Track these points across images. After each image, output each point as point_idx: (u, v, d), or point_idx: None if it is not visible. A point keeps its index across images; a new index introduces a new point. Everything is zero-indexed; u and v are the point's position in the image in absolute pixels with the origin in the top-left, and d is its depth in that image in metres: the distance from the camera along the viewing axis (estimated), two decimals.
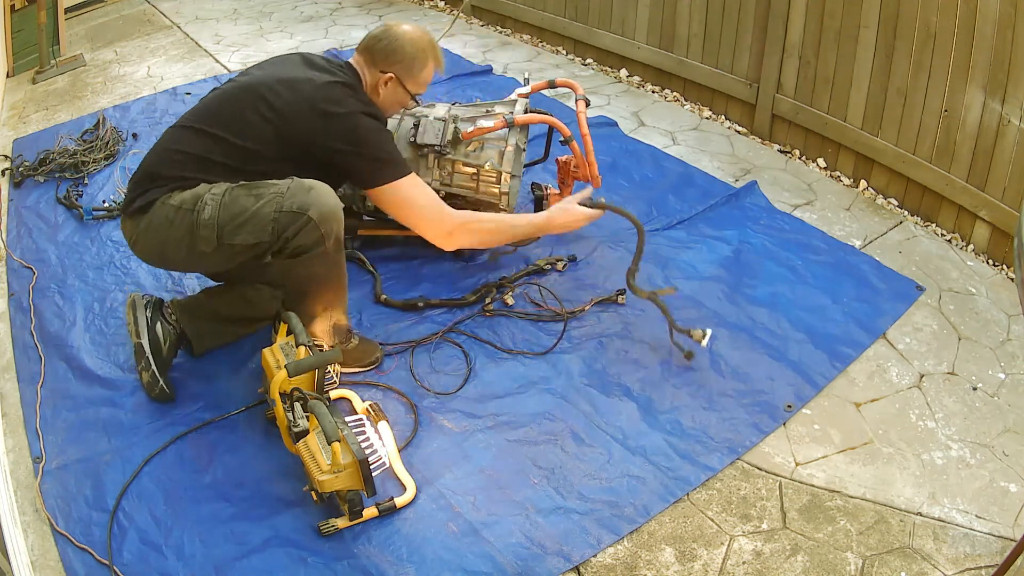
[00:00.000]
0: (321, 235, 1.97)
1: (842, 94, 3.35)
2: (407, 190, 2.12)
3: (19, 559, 1.82)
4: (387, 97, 2.22)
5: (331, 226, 1.99)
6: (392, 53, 2.18)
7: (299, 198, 1.94)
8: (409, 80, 2.21)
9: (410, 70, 2.19)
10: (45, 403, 2.29)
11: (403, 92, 2.22)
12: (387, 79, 2.15)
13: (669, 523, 1.96)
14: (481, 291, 2.68)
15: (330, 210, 1.97)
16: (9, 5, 4.68)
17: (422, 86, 2.27)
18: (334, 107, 2.05)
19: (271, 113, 2.05)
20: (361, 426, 2.09)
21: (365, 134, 2.08)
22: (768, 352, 2.46)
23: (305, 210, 1.93)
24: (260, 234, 1.94)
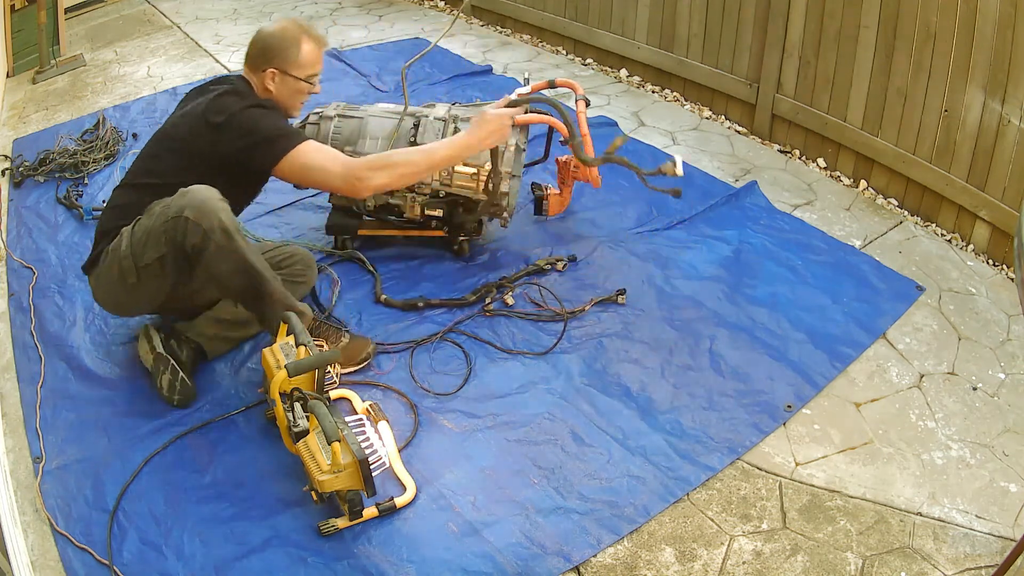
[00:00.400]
0: (204, 230, 1.99)
1: (842, 94, 3.35)
2: (305, 155, 2.12)
3: (19, 559, 1.82)
4: (280, 92, 2.22)
5: (209, 219, 1.99)
6: (263, 51, 2.20)
7: (176, 203, 2.02)
8: (290, 66, 2.19)
9: (285, 57, 2.18)
10: (45, 403, 2.29)
11: (292, 80, 2.20)
12: (270, 75, 2.17)
13: (669, 523, 1.96)
14: (481, 291, 2.68)
15: (201, 203, 2.00)
16: (9, 5, 4.68)
17: (308, 67, 2.23)
18: (219, 115, 2.13)
19: (176, 144, 2.21)
20: (361, 426, 2.09)
21: (251, 122, 2.11)
22: (768, 352, 2.46)
23: (181, 212, 1.99)
24: (159, 247, 2.04)
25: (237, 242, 2.03)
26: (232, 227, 2.02)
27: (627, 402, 2.29)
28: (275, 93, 2.20)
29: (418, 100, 3.83)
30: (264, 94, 2.22)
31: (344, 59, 4.70)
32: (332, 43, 5.02)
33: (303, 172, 2.15)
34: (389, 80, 4.39)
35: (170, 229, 2.00)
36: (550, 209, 3.04)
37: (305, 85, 2.23)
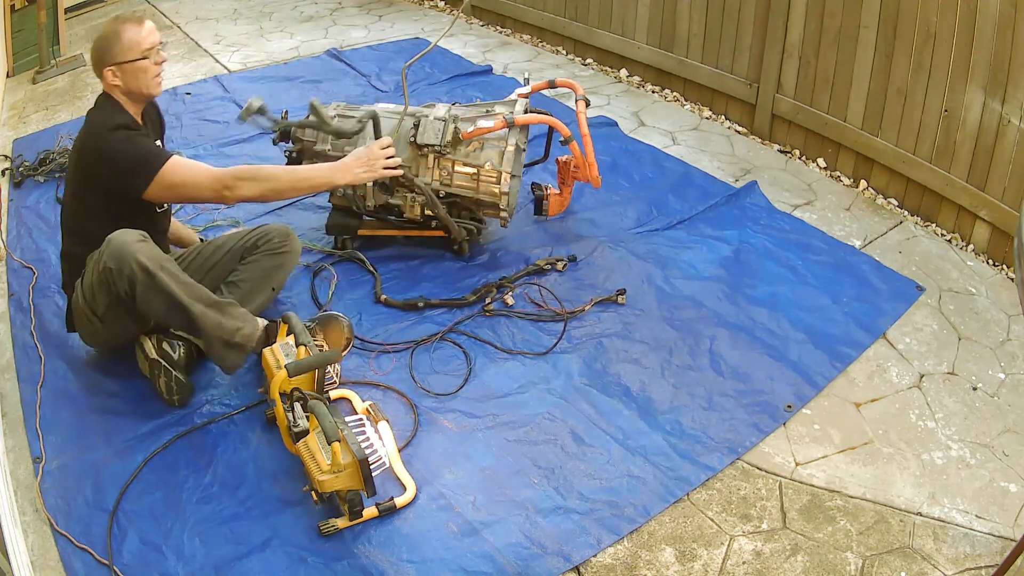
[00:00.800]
0: (126, 276, 2.06)
1: (842, 94, 3.35)
2: (171, 174, 2.16)
3: (19, 559, 1.82)
4: (126, 82, 2.20)
5: (128, 264, 2.05)
6: (96, 59, 2.21)
7: (102, 254, 2.09)
8: (121, 56, 2.17)
9: (113, 53, 2.17)
10: (45, 403, 2.29)
11: (130, 65, 2.18)
12: (109, 74, 2.18)
13: (669, 523, 1.96)
14: (481, 291, 2.68)
15: (118, 250, 2.06)
16: (9, 5, 4.68)
17: (136, 46, 2.19)
18: (86, 145, 2.18)
19: (73, 182, 2.28)
20: (361, 426, 2.09)
21: (113, 150, 2.14)
22: (768, 352, 2.46)
23: (105, 264, 2.08)
24: (104, 297, 2.15)
25: (160, 279, 2.07)
26: (153, 265, 2.06)
27: (627, 402, 2.29)
28: (123, 86, 2.19)
29: (418, 100, 3.84)
30: (115, 92, 2.22)
31: (344, 59, 4.70)
32: (332, 43, 5.02)
33: (172, 190, 2.20)
34: (389, 80, 4.39)
35: (104, 281, 2.10)
36: (550, 209, 3.04)
37: (143, 62, 2.19)
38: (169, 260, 2.15)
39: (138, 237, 2.09)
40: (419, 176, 2.74)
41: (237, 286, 2.39)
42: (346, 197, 2.81)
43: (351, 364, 2.43)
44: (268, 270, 2.44)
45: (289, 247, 2.49)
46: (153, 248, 2.11)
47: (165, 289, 2.07)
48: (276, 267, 2.47)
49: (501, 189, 2.71)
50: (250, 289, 2.41)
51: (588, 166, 2.84)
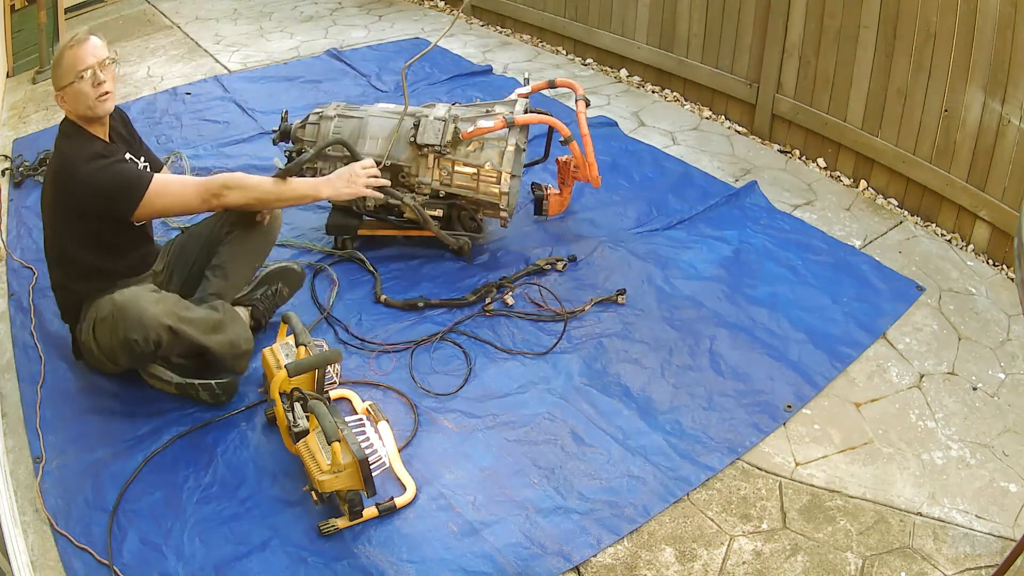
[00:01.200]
0: (152, 340, 2.09)
1: (842, 94, 3.35)
2: (158, 194, 2.14)
3: (19, 559, 1.82)
4: (73, 105, 2.14)
5: (151, 330, 2.08)
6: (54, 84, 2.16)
7: (119, 324, 2.09)
8: (60, 80, 2.13)
9: (57, 79, 2.14)
10: (45, 403, 2.29)
11: (68, 89, 2.12)
12: (58, 100, 2.15)
13: (669, 523, 1.96)
14: (481, 291, 2.68)
15: (137, 320, 2.07)
16: (9, 5, 4.67)
17: (72, 69, 2.12)
18: (63, 179, 2.14)
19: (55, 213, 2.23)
20: (361, 426, 2.09)
21: (93, 181, 2.10)
22: (768, 352, 2.46)
23: (128, 334, 2.08)
24: (128, 356, 2.15)
25: (183, 332, 2.13)
26: (174, 321, 2.11)
27: (627, 402, 2.29)
28: (72, 109, 2.15)
29: (418, 100, 3.83)
30: (71, 115, 2.17)
31: (344, 59, 4.70)
32: (332, 43, 5.02)
33: (163, 209, 2.20)
34: (389, 80, 4.39)
35: (127, 348, 2.10)
36: (550, 209, 3.04)
37: (79, 83, 2.11)
38: (178, 303, 2.17)
39: (151, 298, 2.11)
40: (419, 176, 2.74)
41: (221, 268, 2.38)
42: None
43: (351, 364, 2.43)
44: (246, 250, 2.44)
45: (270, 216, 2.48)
46: (167, 303, 2.13)
47: (188, 338, 2.14)
48: (255, 246, 2.47)
49: (501, 189, 2.71)
50: (234, 271, 2.41)
51: (588, 166, 2.84)
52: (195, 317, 2.17)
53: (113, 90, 2.18)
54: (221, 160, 3.53)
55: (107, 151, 2.18)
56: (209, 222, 2.50)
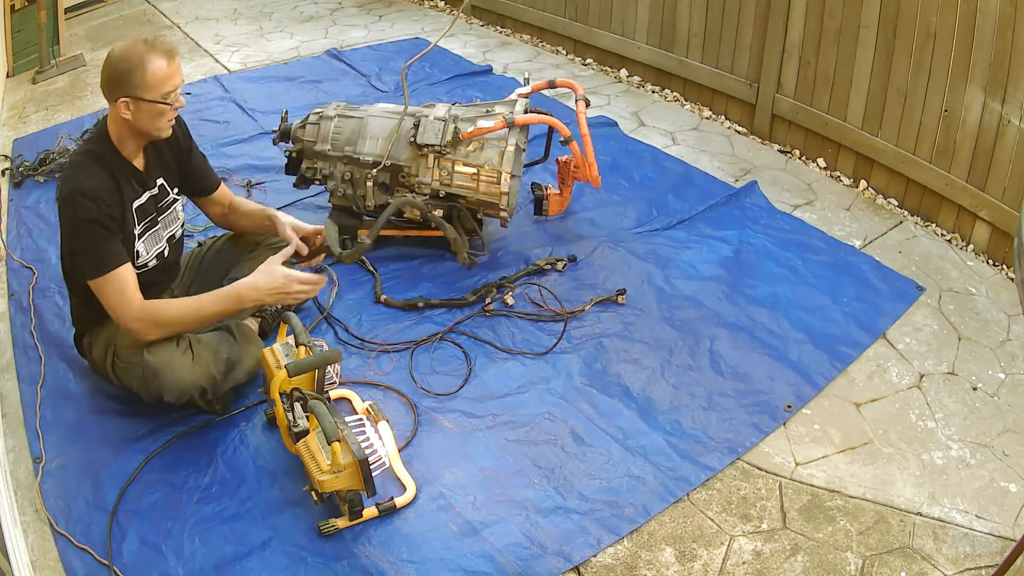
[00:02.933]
0: (187, 400, 2.14)
1: (842, 94, 3.35)
2: (104, 287, 2.00)
3: (19, 559, 1.82)
4: (139, 119, 2.00)
5: (187, 393, 2.10)
6: (110, 81, 1.98)
7: (150, 382, 2.08)
8: (141, 90, 1.96)
9: (132, 81, 1.95)
10: (45, 403, 2.29)
11: (147, 104, 1.97)
12: (122, 105, 1.97)
13: (669, 523, 1.96)
14: (481, 291, 2.68)
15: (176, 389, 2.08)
16: (9, 5, 4.67)
17: (160, 85, 1.97)
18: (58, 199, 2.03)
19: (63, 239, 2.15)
20: (361, 426, 2.09)
21: (67, 224, 2.00)
22: (768, 352, 2.46)
23: (164, 397, 2.10)
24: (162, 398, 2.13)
25: (215, 388, 2.14)
26: (208, 384, 2.10)
27: (627, 402, 2.29)
28: (134, 121, 1.99)
29: (418, 100, 3.83)
30: (120, 127, 2.03)
31: (344, 59, 4.69)
32: (332, 43, 5.02)
33: (102, 298, 2.03)
34: (389, 80, 4.39)
35: (154, 398, 2.11)
36: (550, 209, 3.04)
37: (163, 106, 2.00)
38: (215, 356, 2.12)
39: (185, 364, 2.06)
40: (419, 176, 2.74)
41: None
42: (346, 197, 2.81)
43: (351, 364, 2.43)
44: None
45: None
46: (201, 363, 2.08)
47: (212, 393, 2.15)
48: None
49: (501, 189, 2.71)
50: None
51: (588, 166, 2.84)
52: (223, 369, 2.14)
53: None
54: (221, 160, 3.53)
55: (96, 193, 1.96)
56: (230, 238, 2.48)
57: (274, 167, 3.40)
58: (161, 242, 2.22)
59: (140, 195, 2.11)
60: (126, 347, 2.10)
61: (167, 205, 2.23)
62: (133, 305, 2.02)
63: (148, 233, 2.16)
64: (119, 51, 1.99)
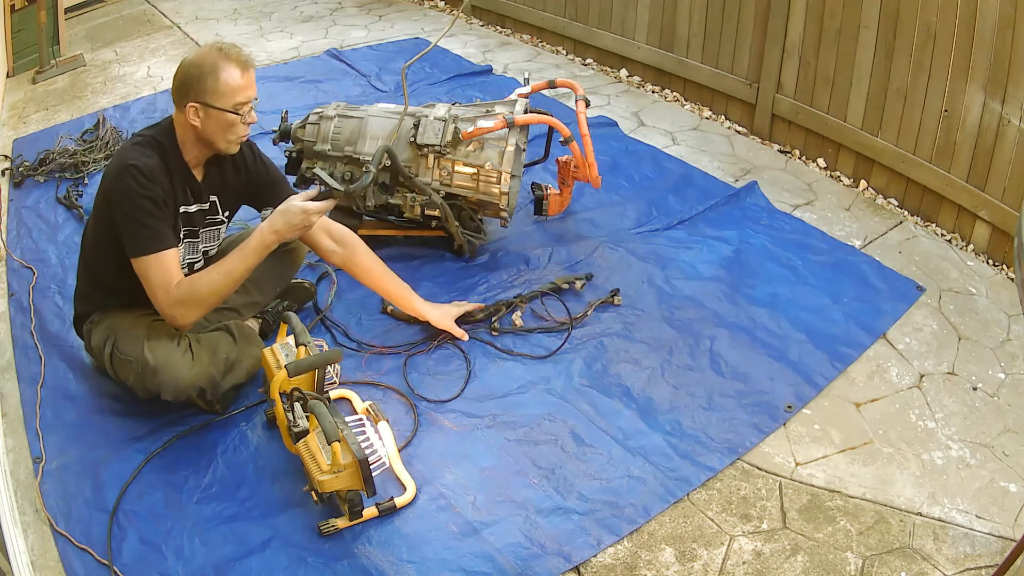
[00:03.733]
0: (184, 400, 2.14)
1: (842, 94, 3.35)
2: (148, 267, 1.98)
3: (19, 559, 1.82)
4: (206, 127, 1.99)
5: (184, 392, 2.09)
6: (181, 85, 1.98)
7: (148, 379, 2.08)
8: (213, 97, 1.95)
9: (204, 88, 1.95)
10: (45, 403, 2.29)
11: (217, 112, 1.97)
12: (192, 111, 1.96)
13: (669, 523, 1.96)
14: (491, 309, 2.59)
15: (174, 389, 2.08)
16: (9, 5, 4.67)
17: (232, 95, 1.97)
18: (108, 173, 2.02)
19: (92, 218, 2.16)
20: (361, 426, 2.09)
21: (115, 195, 1.96)
22: (768, 352, 2.46)
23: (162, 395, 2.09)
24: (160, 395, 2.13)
25: (213, 389, 2.12)
26: (207, 384, 2.09)
27: (627, 402, 2.29)
28: (202, 129, 1.99)
29: (418, 100, 3.83)
30: (189, 133, 2.02)
31: (344, 59, 4.70)
32: (332, 43, 5.02)
33: (145, 278, 2.00)
34: (389, 80, 4.39)
35: (150, 394, 2.11)
36: (550, 209, 3.04)
37: (233, 116, 1.98)
38: (213, 356, 2.11)
39: (184, 364, 2.06)
40: (419, 176, 2.74)
41: (244, 287, 2.30)
42: (346, 197, 2.81)
43: (351, 364, 2.43)
44: (271, 267, 2.36)
45: (295, 243, 2.40)
46: (200, 363, 2.08)
47: (211, 393, 2.15)
48: (282, 264, 2.43)
49: (501, 189, 2.71)
50: (256, 290, 2.40)
51: (588, 166, 2.84)
52: (221, 369, 2.13)
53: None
54: None
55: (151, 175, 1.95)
56: (236, 240, 2.43)
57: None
58: (196, 254, 2.21)
59: (191, 204, 2.10)
60: (129, 340, 2.10)
61: (213, 223, 2.21)
62: (167, 287, 1.99)
63: (186, 241, 2.16)
64: (193, 56, 1.99)
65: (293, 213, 2.06)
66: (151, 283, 1.99)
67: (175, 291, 1.99)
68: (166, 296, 1.99)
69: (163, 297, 1.99)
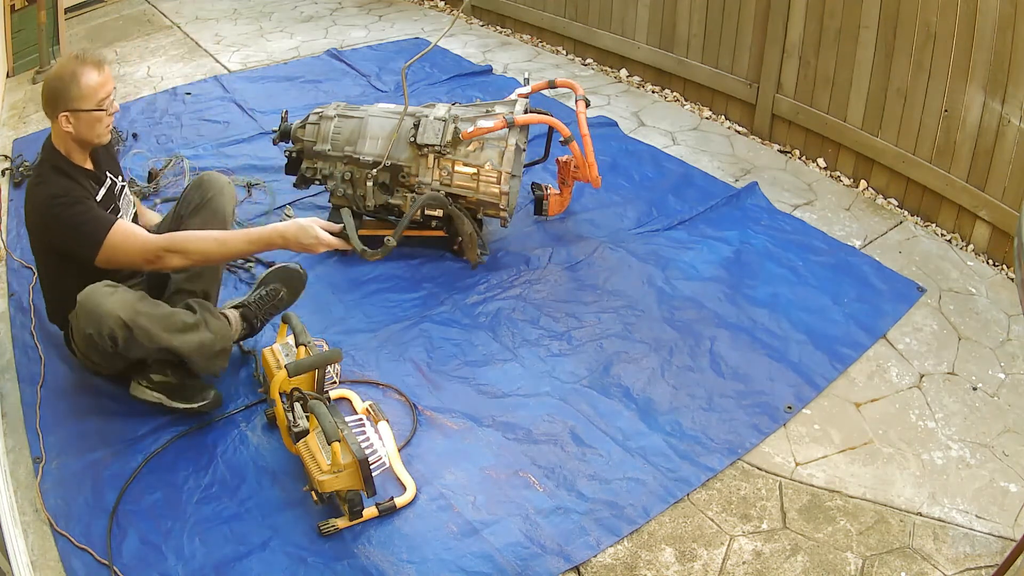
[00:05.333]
0: (107, 335, 2.02)
1: (842, 94, 3.35)
2: (113, 241, 2.05)
3: (19, 559, 1.82)
4: (78, 130, 2.09)
5: (104, 323, 2.01)
6: (50, 100, 2.09)
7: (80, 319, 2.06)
8: (79, 102, 2.06)
9: (70, 96, 2.06)
10: (45, 403, 2.29)
11: (85, 115, 2.07)
12: (63, 120, 2.07)
13: (669, 523, 1.96)
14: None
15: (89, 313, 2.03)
16: (9, 5, 4.67)
17: (94, 94, 2.07)
18: (33, 214, 2.14)
19: (37, 257, 2.32)
20: (361, 426, 2.09)
21: (57, 220, 2.06)
22: (768, 353, 2.46)
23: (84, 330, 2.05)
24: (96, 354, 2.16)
25: (137, 329, 2.03)
26: (128, 316, 2.01)
27: (627, 403, 2.29)
28: (75, 132, 2.09)
29: (418, 100, 3.83)
30: (65, 142, 2.12)
31: (344, 59, 4.69)
32: (332, 43, 5.02)
33: (116, 258, 2.08)
34: (389, 80, 4.39)
35: (89, 343, 2.08)
36: (550, 209, 3.04)
37: (99, 113, 2.09)
38: (141, 299, 2.08)
39: (106, 291, 2.03)
40: (419, 176, 2.74)
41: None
42: (346, 197, 2.81)
43: (350, 363, 2.42)
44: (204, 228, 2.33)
45: (213, 191, 2.39)
46: (123, 296, 2.04)
47: (146, 335, 2.05)
48: (210, 220, 2.37)
49: (501, 189, 2.71)
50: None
51: (588, 166, 2.84)
52: (155, 313, 2.07)
53: None
54: (221, 160, 3.53)
55: (70, 191, 2.08)
56: (171, 214, 2.46)
57: (274, 167, 3.40)
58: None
59: (98, 191, 2.21)
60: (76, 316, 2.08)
61: (120, 192, 2.33)
62: (150, 240, 2.09)
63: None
64: (53, 71, 2.14)
65: (308, 234, 2.13)
66: (124, 253, 2.07)
67: (156, 240, 2.08)
68: (144, 250, 2.07)
69: (140, 252, 2.07)
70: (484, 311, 2.64)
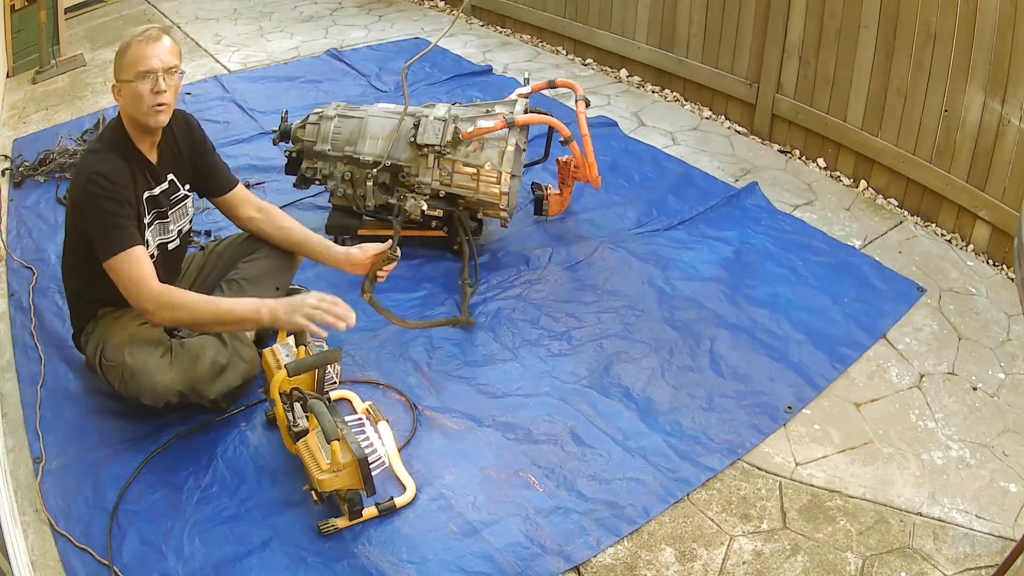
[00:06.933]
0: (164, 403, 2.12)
1: (842, 94, 3.35)
2: (120, 265, 2.01)
3: (19, 559, 1.82)
4: (125, 105, 2.05)
5: (162, 398, 2.10)
6: (114, 73, 2.08)
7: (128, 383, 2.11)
8: (121, 72, 2.03)
9: (117, 66, 2.05)
10: (45, 403, 2.29)
11: (126, 86, 2.02)
12: (115, 92, 2.06)
13: (669, 523, 1.96)
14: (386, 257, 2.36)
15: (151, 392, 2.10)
16: (9, 5, 4.67)
17: (134, 65, 2.00)
18: (71, 187, 2.13)
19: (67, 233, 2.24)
20: (361, 426, 2.09)
21: (82, 205, 2.03)
22: (768, 353, 2.46)
23: (140, 399, 2.12)
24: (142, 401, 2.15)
25: (194, 392, 2.12)
26: (185, 387, 2.09)
27: (627, 403, 2.29)
28: (124, 107, 2.06)
29: (418, 100, 3.84)
30: (126, 117, 2.09)
31: (344, 59, 4.70)
32: (332, 43, 5.02)
33: (114, 276, 2.04)
34: (389, 80, 4.39)
35: (136, 400, 2.12)
36: (550, 209, 3.04)
37: (137, 85, 2.00)
38: (191, 365, 2.11)
39: (160, 366, 2.07)
40: (419, 176, 2.74)
41: (237, 283, 2.34)
42: (346, 197, 2.81)
43: (349, 362, 2.42)
44: (269, 269, 2.38)
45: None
46: (177, 367, 2.09)
47: (197, 395, 2.14)
48: (279, 267, 2.42)
49: (501, 189, 2.71)
50: (251, 291, 2.35)
51: (588, 166, 2.84)
52: (203, 373, 2.12)
53: (171, 103, 2.05)
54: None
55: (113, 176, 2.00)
56: (233, 241, 2.45)
57: (274, 167, 3.40)
58: (169, 234, 2.25)
59: (152, 187, 2.15)
60: (113, 347, 2.11)
61: (178, 200, 2.26)
62: (149, 285, 2.03)
63: (156, 223, 2.19)
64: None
65: (300, 312, 2.03)
66: (123, 279, 2.02)
67: (154, 289, 2.02)
68: (143, 289, 2.02)
69: (140, 290, 2.02)
70: (484, 311, 2.64)
